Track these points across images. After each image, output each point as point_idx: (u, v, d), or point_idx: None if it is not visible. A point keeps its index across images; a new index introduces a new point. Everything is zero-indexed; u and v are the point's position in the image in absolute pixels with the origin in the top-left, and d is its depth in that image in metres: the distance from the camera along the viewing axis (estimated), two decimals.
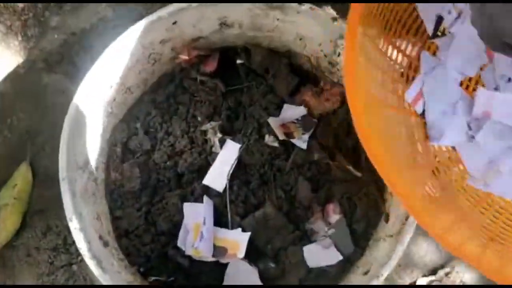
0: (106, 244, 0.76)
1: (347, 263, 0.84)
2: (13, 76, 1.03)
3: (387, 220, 0.80)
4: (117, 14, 1.07)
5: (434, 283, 0.97)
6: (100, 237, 0.76)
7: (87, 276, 0.95)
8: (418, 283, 0.98)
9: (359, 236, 0.85)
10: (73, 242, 0.85)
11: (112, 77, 0.80)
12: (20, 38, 1.06)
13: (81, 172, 0.76)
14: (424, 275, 1.00)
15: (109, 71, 0.79)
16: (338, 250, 0.83)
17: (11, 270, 0.96)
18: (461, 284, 0.98)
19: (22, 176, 0.98)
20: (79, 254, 0.92)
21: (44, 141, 1.01)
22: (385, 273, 0.70)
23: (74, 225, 0.70)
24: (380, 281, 0.69)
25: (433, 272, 1.01)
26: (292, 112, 0.89)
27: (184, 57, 0.87)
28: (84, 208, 0.74)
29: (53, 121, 1.00)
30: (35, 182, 0.99)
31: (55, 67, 1.04)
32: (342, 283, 0.80)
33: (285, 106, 0.90)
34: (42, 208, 0.98)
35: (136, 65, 0.84)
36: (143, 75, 0.88)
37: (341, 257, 0.82)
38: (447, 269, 1.00)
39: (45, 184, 0.99)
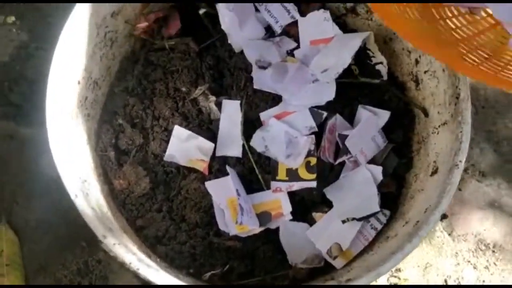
0: (149, 255, 0.64)
1: None
2: None
3: (426, 115, 0.73)
4: (34, 35, 1.00)
5: None
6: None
7: None
8: None
9: None
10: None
11: (76, 69, 0.67)
12: None
13: (85, 194, 0.63)
14: None
15: (71, 63, 0.66)
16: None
17: None
18: None
19: (3, 239, 0.88)
20: None
21: (13, 193, 0.92)
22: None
23: (118, 250, 0.57)
24: None
25: None
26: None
27: (143, 24, 0.75)
28: (108, 230, 0.61)
29: (14, 170, 0.93)
30: (20, 240, 0.90)
31: None
32: None
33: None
34: (42, 264, 0.89)
35: (95, 50, 0.71)
36: (105, 62, 0.75)
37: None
38: None
39: (32, 237, 0.90)
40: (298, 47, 0.81)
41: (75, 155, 0.64)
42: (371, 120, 0.75)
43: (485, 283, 0.95)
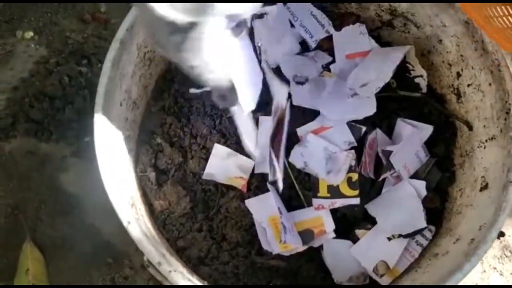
0: (192, 273, 0.63)
1: None
2: None
3: (471, 128, 0.72)
4: (53, 50, 0.99)
5: None
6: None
7: None
8: None
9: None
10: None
11: (119, 91, 0.66)
12: None
13: (136, 219, 0.61)
14: None
15: (116, 84, 0.64)
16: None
17: None
18: None
19: (29, 257, 0.86)
20: None
21: (36, 210, 0.91)
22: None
23: (174, 278, 0.56)
24: None
25: None
26: None
27: None
28: (161, 256, 0.60)
29: (36, 186, 0.91)
30: (46, 257, 0.88)
31: (9, 131, 0.94)
32: None
33: None
34: (68, 282, 0.88)
35: (135, 70, 0.70)
36: (143, 82, 0.74)
37: None
38: None
39: (57, 255, 0.89)
40: (333, 61, 0.81)
41: (121, 179, 0.63)
42: (415, 135, 0.74)
43: None
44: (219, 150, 0.74)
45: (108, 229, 0.90)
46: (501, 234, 0.57)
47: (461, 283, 0.93)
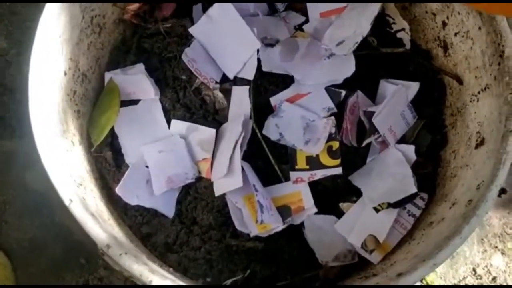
0: (160, 266, 0.55)
1: None
2: None
3: (461, 82, 0.65)
4: (12, 40, 0.93)
5: None
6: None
7: None
8: None
9: None
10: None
11: (61, 59, 0.58)
12: None
13: (81, 199, 0.53)
14: None
15: (55, 50, 0.57)
16: None
17: None
18: None
19: None
20: None
21: (1, 212, 0.85)
22: None
23: (126, 261, 0.48)
24: None
25: None
26: None
27: (133, 6, 0.66)
28: (112, 238, 0.52)
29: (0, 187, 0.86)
30: (13, 262, 0.83)
31: None
32: None
33: None
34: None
35: (81, 37, 0.62)
36: (93, 52, 0.66)
37: None
38: None
39: (26, 259, 0.83)
40: (306, 21, 0.73)
41: (66, 155, 0.55)
42: (400, 94, 0.66)
43: None
44: (178, 127, 0.67)
45: (79, 228, 0.84)
46: (503, 191, 0.50)
47: (464, 265, 0.88)
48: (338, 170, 0.65)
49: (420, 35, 0.72)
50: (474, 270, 0.90)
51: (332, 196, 0.67)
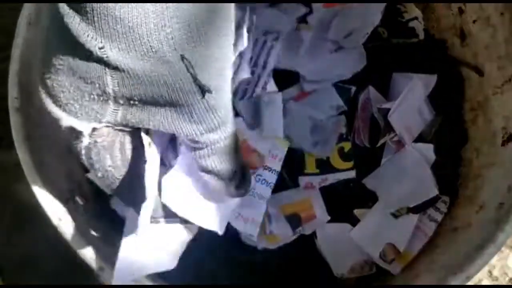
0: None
1: None
2: None
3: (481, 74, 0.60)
4: None
5: None
6: None
7: None
8: None
9: None
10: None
11: None
12: None
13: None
14: None
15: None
16: None
17: None
18: None
19: None
20: None
21: None
22: None
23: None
24: None
25: None
26: None
27: None
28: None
29: None
30: (4, 280, 0.78)
31: None
32: None
33: None
34: None
35: None
36: None
37: None
38: None
39: (18, 277, 0.79)
40: (310, 12, 0.68)
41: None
42: (416, 88, 0.61)
43: None
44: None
45: None
46: None
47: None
48: (352, 174, 0.61)
49: (434, 24, 0.67)
50: (490, 272, 0.86)
51: (346, 202, 0.62)
